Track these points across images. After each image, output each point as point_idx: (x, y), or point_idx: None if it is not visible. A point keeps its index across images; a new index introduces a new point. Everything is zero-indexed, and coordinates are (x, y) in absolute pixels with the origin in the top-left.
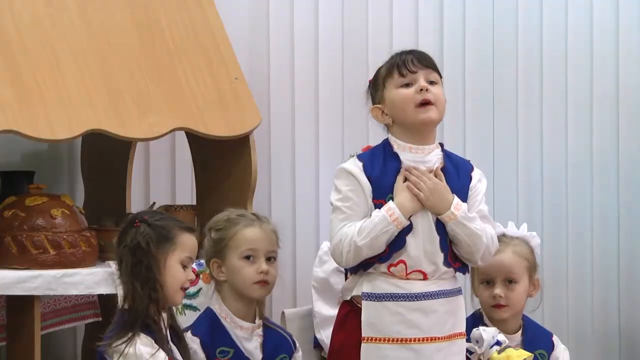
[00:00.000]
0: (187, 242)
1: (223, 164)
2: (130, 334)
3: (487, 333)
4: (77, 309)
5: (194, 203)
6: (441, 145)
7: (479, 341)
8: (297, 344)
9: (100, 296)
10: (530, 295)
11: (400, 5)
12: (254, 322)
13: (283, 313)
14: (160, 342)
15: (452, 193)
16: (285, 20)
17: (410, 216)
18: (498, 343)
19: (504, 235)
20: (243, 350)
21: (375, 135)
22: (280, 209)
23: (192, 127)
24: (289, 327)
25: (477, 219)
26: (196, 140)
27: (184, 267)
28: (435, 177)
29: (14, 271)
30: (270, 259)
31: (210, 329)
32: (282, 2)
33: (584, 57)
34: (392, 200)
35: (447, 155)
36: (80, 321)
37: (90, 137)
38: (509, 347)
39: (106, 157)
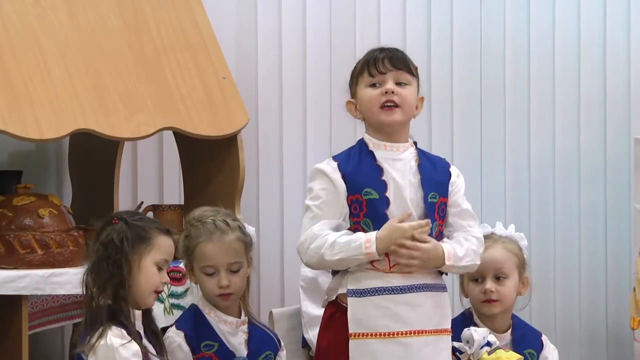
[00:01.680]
0: (163, 244)
1: (211, 163)
2: (100, 329)
3: (478, 333)
4: (65, 308)
5: (182, 202)
6: (415, 143)
7: (469, 341)
8: (282, 343)
9: None
10: (519, 293)
11: (388, 4)
12: (239, 317)
13: (271, 313)
14: (132, 337)
15: (433, 188)
16: (273, 20)
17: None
18: (488, 344)
19: (492, 233)
20: (227, 345)
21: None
22: (268, 209)
23: (180, 127)
24: (276, 327)
25: (468, 252)
26: (184, 140)
27: (159, 269)
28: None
29: (1, 271)
30: (233, 270)
31: (195, 323)
32: (270, 1)
33: (572, 58)
34: (375, 231)
35: (422, 153)
36: (67, 321)
37: (77, 137)
38: (499, 348)
39: (94, 157)
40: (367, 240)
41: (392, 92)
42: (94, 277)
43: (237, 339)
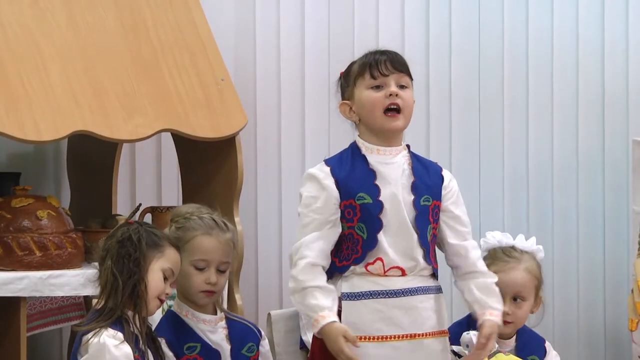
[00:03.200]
0: (173, 255)
1: (209, 165)
2: (97, 328)
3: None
4: (63, 310)
5: (180, 204)
6: (408, 146)
7: (469, 345)
8: (263, 332)
9: (86, 297)
10: (531, 312)
11: (386, 7)
12: (216, 314)
13: (269, 314)
14: (128, 340)
15: (426, 191)
16: (271, 22)
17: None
18: None
19: (513, 248)
20: (210, 343)
21: None
22: (266, 211)
23: (178, 129)
24: (274, 329)
25: (493, 289)
26: (182, 142)
27: (165, 278)
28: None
29: None
30: (222, 269)
31: (174, 328)
32: (268, 3)
33: (570, 60)
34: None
35: (414, 156)
36: (66, 322)
37: (76, 138)
38: (500, 352)
39: (92, 158)
40: (320, 317)
41: (396, 95)
42: (114, 274)
43: (217, 336)
